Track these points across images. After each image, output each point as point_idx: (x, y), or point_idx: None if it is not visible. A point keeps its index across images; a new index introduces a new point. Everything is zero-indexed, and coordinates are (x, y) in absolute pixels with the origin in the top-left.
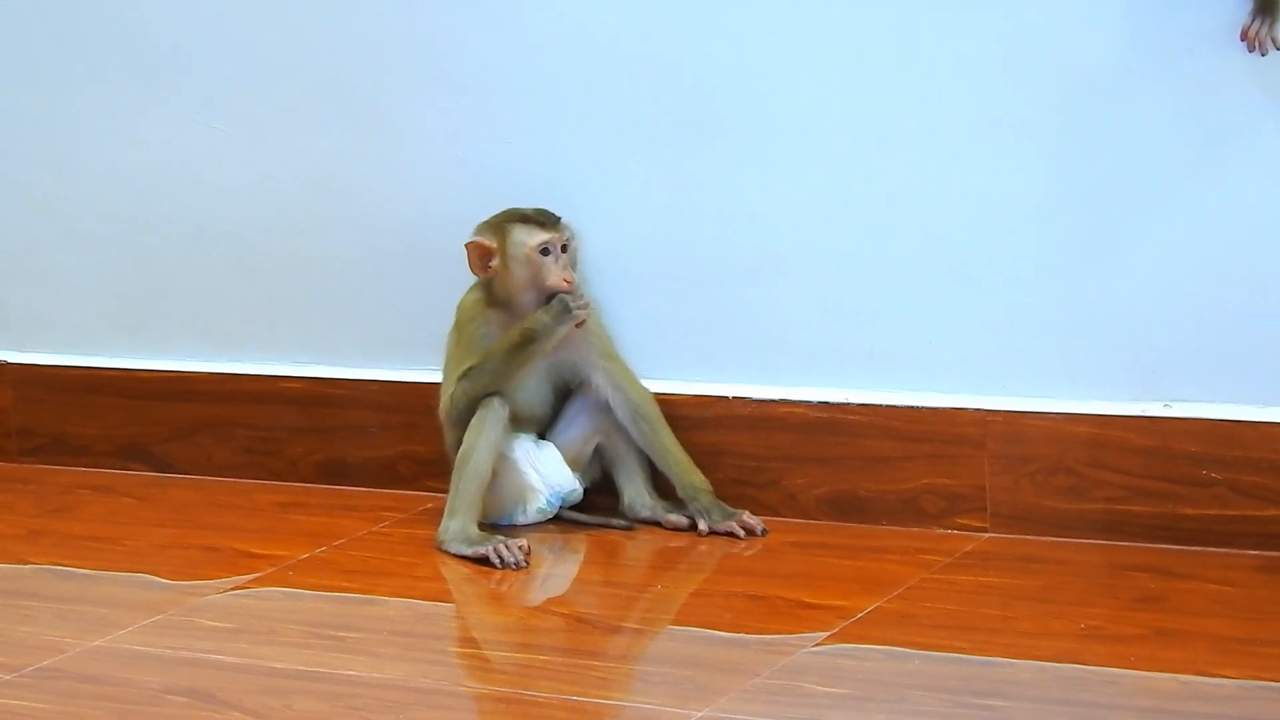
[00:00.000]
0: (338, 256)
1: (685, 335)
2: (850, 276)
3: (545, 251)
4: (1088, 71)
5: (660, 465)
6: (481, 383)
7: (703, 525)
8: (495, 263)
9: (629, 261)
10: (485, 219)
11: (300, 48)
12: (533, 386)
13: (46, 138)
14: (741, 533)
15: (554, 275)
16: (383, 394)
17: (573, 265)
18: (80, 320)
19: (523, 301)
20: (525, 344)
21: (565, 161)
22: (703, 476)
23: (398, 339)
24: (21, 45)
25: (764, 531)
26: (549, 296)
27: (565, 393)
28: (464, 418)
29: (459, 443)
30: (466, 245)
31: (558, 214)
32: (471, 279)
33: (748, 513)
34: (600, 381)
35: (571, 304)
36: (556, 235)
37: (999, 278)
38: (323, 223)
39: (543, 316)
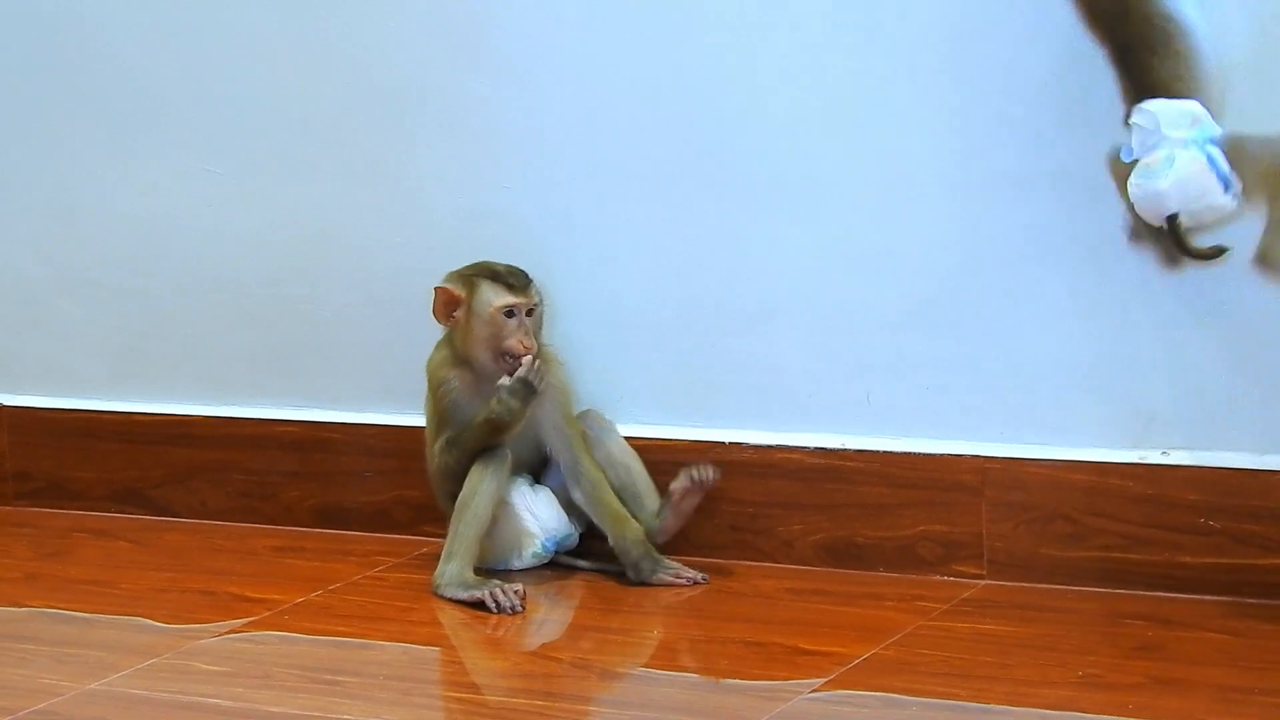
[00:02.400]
0: (335, 302)
1: (683, 381)
2: (848, 324)
3: (510, 314)
4: (1085, 122)
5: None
6: (462, 457)
7: (631, 575)
8: (459, 313)
9: (628, 307)
10: (459, 267)
11: (301, 96)
12: (519, 434)
13: (47, 184)
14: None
15: (513, 338)
16: (379, 439)
17: (537, 330)
18: (78, 364)
19: (481, 359)
20: (495, 430)
21: (565, 208)
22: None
23: (394, 384)
24: (23, 93)
25: (705, 579)
26: (506, 357)
27: None
28: (453, 481)
29: (449, 497)
30: (435, 289)
31: (529, 275)
32: (436, 336)
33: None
34: (556, 444)
35: (534, 380)
36: (524, 300)
37: (997, 326)
38: (320, 268)
39: (510, 401)
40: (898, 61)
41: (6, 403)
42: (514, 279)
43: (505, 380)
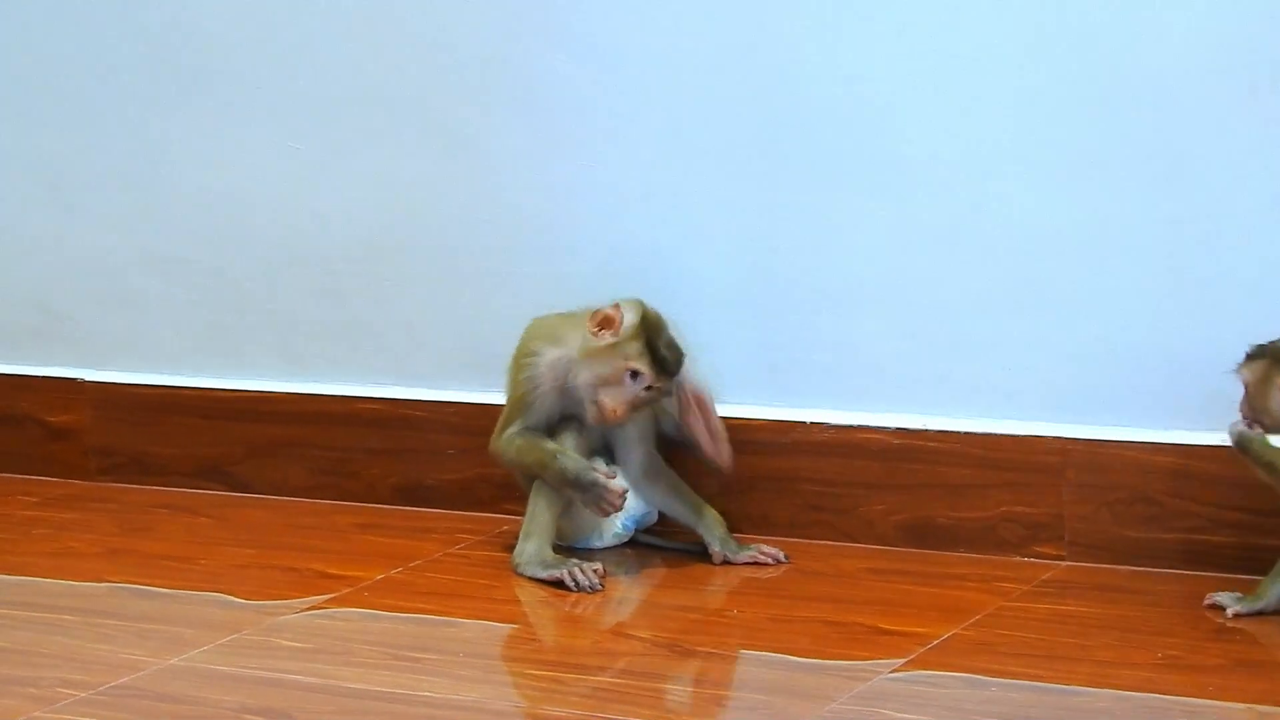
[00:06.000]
0: (418, 278)
1: (765, 360)
2: (931, 303)
3: (634, 377)
4: (1175, 106)
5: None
6: (521, 463)
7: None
8: (603, 335)
9: (711, 285)
10: (644, 302)
11: (384, 71)
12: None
13: (131, 161)
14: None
15: (614, 398)
16: (461, 416)
17: (643, 404)
18: (160, 340)
19: (581, 378)
20: (540, 470)
21: (647, 186)
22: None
23: (477, 361)
24: (107, 70)
25: (786, 558)
26: (595, 401)
27: None
28: (512, 463)
29: (516, 470)
30: (615, 305)
31: (683, 365)
32: (519, 313)
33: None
34: (632, 447)
35: (601, 499)
36: (655, 380)
37: (1081, 306)
38: (404, 244)
39: (565, 472)
40: (983, 42)
41: (89, 378)
42: (669, 364)
43: (597, 470)
